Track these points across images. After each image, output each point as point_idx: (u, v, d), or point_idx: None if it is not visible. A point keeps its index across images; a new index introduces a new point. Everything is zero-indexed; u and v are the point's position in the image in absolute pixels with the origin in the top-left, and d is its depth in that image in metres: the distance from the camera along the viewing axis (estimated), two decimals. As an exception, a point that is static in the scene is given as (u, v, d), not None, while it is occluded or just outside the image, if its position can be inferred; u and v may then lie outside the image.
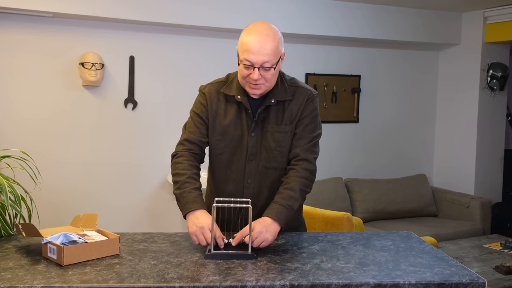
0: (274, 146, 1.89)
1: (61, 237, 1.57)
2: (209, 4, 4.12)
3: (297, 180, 1.83)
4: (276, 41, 1.79)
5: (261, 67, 1.77)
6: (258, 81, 1.80)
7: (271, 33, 1.79)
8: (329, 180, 4.85)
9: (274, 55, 1.78)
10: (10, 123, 3.80)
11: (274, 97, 1.88)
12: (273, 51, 1.77)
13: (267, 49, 1.76)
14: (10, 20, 3.74)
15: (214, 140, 1.94)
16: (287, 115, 1.90)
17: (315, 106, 1.94)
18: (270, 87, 1.87)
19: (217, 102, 1.93)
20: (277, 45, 1.79)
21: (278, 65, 1.84)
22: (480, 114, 5.07)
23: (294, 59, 4.78)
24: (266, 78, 1.81)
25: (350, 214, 2.80)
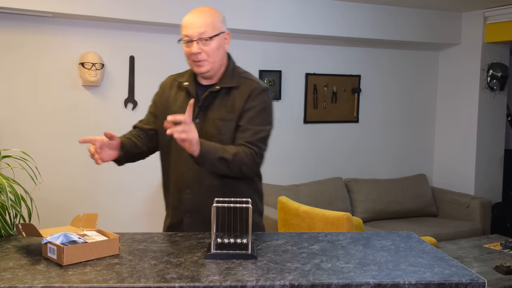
0: (214, 133, 1.89)
1: (61, 237, 1.57)
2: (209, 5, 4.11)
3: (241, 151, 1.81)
4: (212, 16, 1.87)
5: (199, 40, 1.83)
6: (199, 56, 1.85)
7: (206, 10, 1.89)
8: (329, 180, 4.85)
9: (211, 27, 1.84)
10: (10, 123, 3.80)
11: (219, 84, 1.91)
12: (209, 24, 1.84)
13: (201, 21, 1.84)
14: (10, 20, 3.74)
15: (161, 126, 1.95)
16: (230, 104, 1.90)
17: (263, 100, 1.91)
18: (214, 65, 1.90)
19: (169, 91, 2.02)
20: (213, 19, 1.86)
21: (220, 41, 1.89)
22: (480, 114, 5.07)
23: (294, 59, 4.79)
24: (207, 52, 1.85)
25: (350, 214, 2.80)
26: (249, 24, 4.30)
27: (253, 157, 1.83)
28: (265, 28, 4.36)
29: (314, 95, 4.90)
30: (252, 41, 4.59)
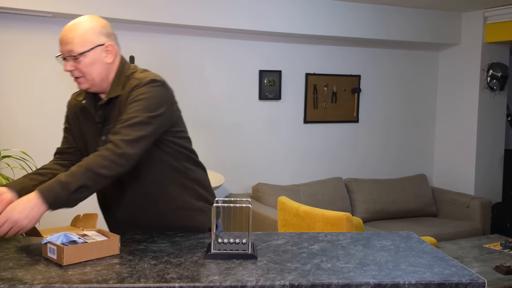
0: None
1: (61, 237, 1.57)
2: (209, 4, 4.12)
3: (90, 158, 1.62)
4: (83, 29, 1.73)
5: (70, 57, 1.73)
6: (74, 73, 1.76)
7: (79, 22, 1.75)
8: (329, 180, 4.85)
9: (79, 43, 1.72)
10: (10, 123, 3.80)
11: (107, 95, 1.79)
12: (77, 40, 1.71)
13: (69, 37, 1.72)
14: (10, 20, 3.74)
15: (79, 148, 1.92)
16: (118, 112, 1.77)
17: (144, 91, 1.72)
18: (94, 80, 1.77)
19: (74, 110, 1.93)
20: (84, 34, 1.72)
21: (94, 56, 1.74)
22: (480, 114, 5.07)
23: (294, 59, 4.79)
24: (81, 70, 1.74)
25: (350, 214, 2.80)
26: (249, 24, 4.30)
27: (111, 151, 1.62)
28: (265, 28, 4.36)
29: (314, 95, 4.90)
30: (252, 41, 4.59)
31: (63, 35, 1.74)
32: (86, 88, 1.80)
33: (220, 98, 4.53)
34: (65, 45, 1.73)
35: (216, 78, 4.49)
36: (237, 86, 4.59)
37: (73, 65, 1.74)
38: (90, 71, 1.75)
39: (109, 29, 1.81)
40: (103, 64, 1.78)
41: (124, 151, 1.63)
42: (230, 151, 4.61)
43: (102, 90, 1.83)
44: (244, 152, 4.67)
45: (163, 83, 1.79)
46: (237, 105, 4.60)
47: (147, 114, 1.69)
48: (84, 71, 1.75)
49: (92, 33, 1.74)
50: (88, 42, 1.73)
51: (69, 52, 1.73)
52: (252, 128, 4.69)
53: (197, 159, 2.00)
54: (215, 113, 4.51)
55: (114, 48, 1.80)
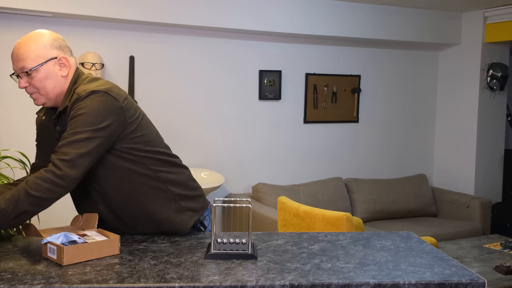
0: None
1: (61, 237, 1.57)
2: (209, 4, 4.12)
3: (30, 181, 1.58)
4: (33, 44, 1.70)
5: (23, 74, 1.70)
6: (28, 89, 1.73)
7: (29, 38, 1.71)
8: (329, 180, 4.85)
9: (31, 59, 1.68)
10: (10, 123, 3.80)
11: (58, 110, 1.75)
12: (28, 55, 1.68)
13: (20, 53, 1.69)
14: (10, 20, 3.74)
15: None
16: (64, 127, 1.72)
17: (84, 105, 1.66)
18: (49, 95, 1.74)
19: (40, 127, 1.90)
20: (34, 48, 1.69)
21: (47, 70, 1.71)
22: (480, 114, 5.07)
23: (294, 59, 4.79)
24: (35, 85, 1.71)
25: (350, 214, 2.80)
26: (249, 24, 4.30)
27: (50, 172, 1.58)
28: (265, 28, 4.36)
29: (314, 95, 4.90)
30: (252, 41, 4.59)
31: (14, 52, 1.71)
32: (42, 103, 1.78)
33: (220, 98, 4.53)
34: (17, 62, 1.70)
35: (216, 78, 4.49)
36: (237, 86, 4.59)
37: (27, 81, 1.72)
38: (44, 85, 1.72)
39: (61, 42, 1.78)
40: (57, 78, 1.75)
41: (64, 173, 1.58)
42: (230, 151, 4.61)
43: (58, 104, 1.79)
44: (244, 152, 4.67)
45: (105, 92, 1.70)
46: (237, 105, 4.60)
47: (87, 129, 1.64)
48: (38, 86, 1.72)
49: (43, 47, 1.71)
50: (39, 57, 1.70)
51: (21, 68, 1.70)
52: (252, 128, 4.69)
53: (170, 159, 1.91)
54: (215, 113, 4.51)
55: (68, 61, 1.77)
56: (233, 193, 4.62)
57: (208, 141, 4.49)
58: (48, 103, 1.78)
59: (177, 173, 1.92)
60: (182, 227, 1.88)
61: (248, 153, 4.69)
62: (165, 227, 1.86)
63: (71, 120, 1.66)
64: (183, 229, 1.88)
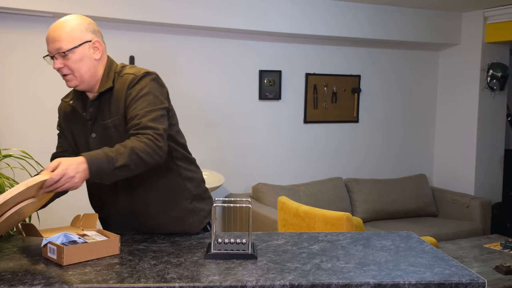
0: (116, 139, 1.74)
1: (61, 237, 1.57)
2: (209, 4, 4.12)
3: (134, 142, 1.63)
4: (70, 27, 1.74)
5: (58, 55, 1.74)
6: (63, 70, 1.78)
7: (64, 21, 1.76)
8: (329, 180, 4.85)
9: (67, 40, 1.73)
10: (11, 122, 3.80)
11: (98, 91, 1.80)
12: (65, 36, 1.73)
13: (56, 35, 1.73)
14: (10, 20, 3.74)
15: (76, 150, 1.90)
16: (114, 106, 1.78)
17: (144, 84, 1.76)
18: (83, 77, 1.79)
19: (65, 114, 1.92)
20: (71, 31, 1.74)
21: (82, 52, 1.76)
22: (480, 114, 5.07)
23: (294, 59, 4.79)
24: (70, 66, 1.76)
25: (350, 214, 2.80)
26: (249, 24, 4.30)
27: (152, 141, 1.65)
28: (265, 28, 4.36)
29: (314, 95, 4.90)
30: (252, 41, 4.59)
31: (50, 34, 1.74)
32: (75, 85, 1.81)
33: (220, 98, 4.53)
34: (52, 43, 1.74)
35: (216, 78, 4.49)
36: (237, 86, 4.59)
37: (61, 62, 1.76)
38: (78, 67, 1.77)
39: (95, 26, 1.83)
40: (91, 61, 1.79)
41: (162, 145, 1.67)
42: (230, 151, 4.61)
43: (90, 87, 1.82)
44: (244, 152, 4.67)
45: (157, 75, 1.83)
46: (237, 105, 4.60)
47: (159, 107, 1.73)
48: (73, 68, 1.76)
49: (79, 30, 1.76)
50: (75, 39, 1.74)
51: (58, 49, 1.74)
52: (252, 128, 4.69)
53: (189, 156, 1.95)
54: (215, 113, 4.51)
55: (101, 45, 1.83)
56: (233, 193, 4.62)
57: (208, 141, 4.49)
58: (81, 86, 1.81)
59: (194, 172, 1.95)
60: (193, 228, 1.89)
61: (248, 153, 4.69)
62: (175, 227, 1.86)
63: (141, 99, 1.72)
64: (193, 230, 1.89)
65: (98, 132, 1.80)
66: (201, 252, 1.65)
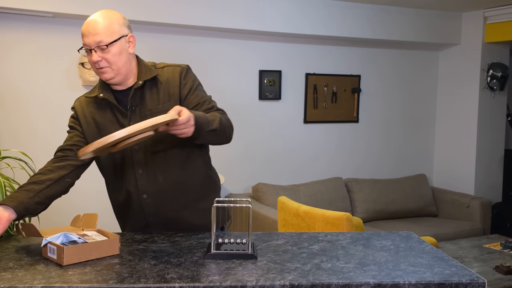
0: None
1: (61, 237, 1.57)
2: (208, 4, 4.12)
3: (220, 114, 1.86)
4: (109, 21, 1.80)
5: (98, 48, 1.78)
6: (101, 63, 1.80)
7: (103, 15, 1.81)
8: (329, 180, 4.85)
9: (107, 34, 1.78)
10: (10, 123, 3.80)
11: (140, 79, 1.88)
12: (105, 30, 1.77)
13: (97, 28, 1.77)
14: (10, 20, 3.74)
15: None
16: (162, 94, 1.88)
17: (193, 76, 1.95)
18: (120, 70, 1.84)
19: (88, 110, 1.93)
20: (110, 24, 1.79)
21: (121, 46, 1.82)
22: (480, 114, 5.07)
23: (294, 59, 4.79)
24: (108, 59, 1.80)
25: (350, 214, 2.80)
26: (249, 24, 4.30)
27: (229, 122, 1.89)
28: (265, 28, 4.36)
29: (314, 95, 4.90)
30: (252, 41, 4.59)
31: (90, 27, 1.78)
32: (110, 77, 1.84)
33: (220, 98, 4.51)
34: (93, 36, 1.77)
35: (216, 78, 4.49)
36: (237, 86, 4.59)
37: (100, 55, 1.79)
38: (116, 60, 1.81)
39: (127, 22, 1.90)
40: (127, 54, 1.85)
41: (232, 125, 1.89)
42: (230, 151, 4.61)
43: (124, 80, 1.88)
44: (244, 152, 4.67)
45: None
46: (237, 105, 4.59)
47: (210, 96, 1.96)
48: (111, 61, 1.80)
49: (117, 24, 1.82)
50: (115, 33, 1.80)
51: (98, 42, 1.77)
52: (252, 128, 4.69)
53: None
54: (215, 113, 4.51)
55: (135, 40, 1.90)
56: (233, 193, 4.62)
57: (208, 141, 4.49)
58: (116, 78, 1.85)
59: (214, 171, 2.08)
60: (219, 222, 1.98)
61: (248, 153, 4.69)
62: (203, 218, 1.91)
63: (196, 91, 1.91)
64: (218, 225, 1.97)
65: (137, 120, 1.85)
66: (201, 252, 1.65)
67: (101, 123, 1.90)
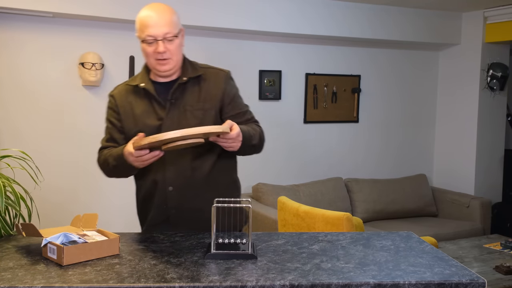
0: (194, 123, 1.87)
1: (61, 237, 1.57)
2: (208, 4, 4.12)
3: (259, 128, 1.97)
4: (172, 14, 1.87)
5: (164, 39, 1.83)
6: (165, 55, 1.85)
7: (166, 8, 1.87)
8: (329, 180, 4.85)
9: (173, 26, 1.84)
10: (10, 123, 3.80)
11: (185, 75, 1.92)
12: (171, 22, 1.84)
13: (165, 20, 1.83)
14: (10, 20, 3.74)
15: (131, 134, 1.93)
16: (204, 94, 1.93)
17: (235, 85, 2.04)
18: (177, 62, 1.90)
19: (126, 99, 1.98)
20: (174, 18, 1.86)
21: (181, 39, 1.89)
22: (480, 114, 5.07)
23: (294, 59, 4.79)
24: (171, 51, 1.85)
25: (350, 214, 2.80)
26: (249, 24, 4.30)
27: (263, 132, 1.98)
28: (265, 28, 4.36)
29: (314, 95, 4.90)
30: (252, 41, 4.59)
31: (157, 19, 1.83)
32: (168, 69, 1.90)
33: (220, 98, 4.53)
34: (161, 27, 1.82)
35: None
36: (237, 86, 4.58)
37: (165, 46, 1.84)
38: (177, 52, 1.89)
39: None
40: (182, 47, 1.93)
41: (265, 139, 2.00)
42: (230, 151, 4.61)
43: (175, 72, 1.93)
44: (244, 152, 4.67)
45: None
46: (237, 105, 4.59)
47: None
48: (174, 52, 1.87)
49: (177, 17, 1.90)
50: (177, 26, 1.87)
51: (166, 33, 1.82)
52: (252, 128, 4.68)
53: None
54: (215, 113, 4.51)
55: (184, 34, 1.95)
56: (233, 193, 4.62)
57: (208, 141, 4.49)
58: (172, 70, 1.91)
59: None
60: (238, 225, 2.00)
61: (248, 153, 4.69)
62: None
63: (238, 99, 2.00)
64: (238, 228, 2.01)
65: (174, 113, 1.90)
66: (201, 252, 1.65)
67: (138, 114, 1.93)
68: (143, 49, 1.89)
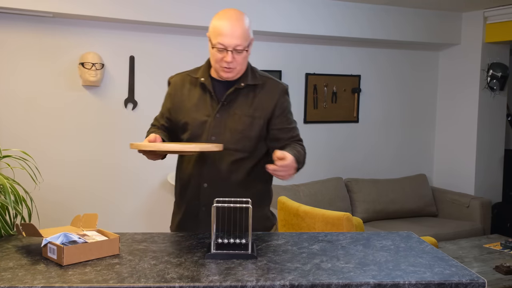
0: (241, 128, 1.92)
1: (61, 237, 1.57)
2: (209, 4, 4.11)
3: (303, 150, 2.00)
4: (246, 26, 1.88)
5: (234, 50, 1.84)
6: (231, 64, 1.87)
7: (241, 18, 1.89)
8: (329, 180, 4.85)
9: (244, 38, 1.86)
10: (10, 122, 3.80)
11: (244, 81, 1.94)
12: (243, 35, 1.86)
13: (238, 32, 1.85)
14: (10, 20, 3.74)
15: (179, 123, 1.99)
16: (257, 102, 1.95)
17: (289, 99, 2.05)
18: (241, 71, 1.93)
19: (181, 88, 2.03)
20: (247, 29, 1.88)
21: (249, 50, 1.92)
22: (480, 114, 5.07)
23: (294, 59, 4.79)
24: (238, 62, 1.88)
25: (350, 214, 2.80)
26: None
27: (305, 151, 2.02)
28: (265, 28, 4.36)
29: (314, 95, 4.90)
30: (252, 41, 4.58)
31: (232, 30, 1.85)
32: (232, 77, 1.92)
33: (220, 98, 4.52)
34: (234, 39, 1.84)
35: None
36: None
37: (233, 56, 1.86)
38: (243, 62, 1.92)
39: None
40: (248, 56, 1.95)
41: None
42: (230, 151, 4.60)
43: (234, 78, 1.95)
44: (244, 152, 4.67)
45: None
46: (237, 105, 4.59)
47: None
48: (239, 63, 1.89)
49: (249, 28, 1.92)
50: (249, 37, 1.90)
51: (236, 45, 1.85)
52: (252, 128, 4.68)
53: None
54: (215, 113, 4.51)
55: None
56: (233, 193, 4.61)
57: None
58: (234, 77, 1.94)
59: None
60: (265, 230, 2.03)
61: (248, 153, 4.69)
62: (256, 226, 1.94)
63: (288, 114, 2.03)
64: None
65: (223, 115, 1.93)
66: (201, 252, 1.65)
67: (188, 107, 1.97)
68: (212, 52, 1.91)
